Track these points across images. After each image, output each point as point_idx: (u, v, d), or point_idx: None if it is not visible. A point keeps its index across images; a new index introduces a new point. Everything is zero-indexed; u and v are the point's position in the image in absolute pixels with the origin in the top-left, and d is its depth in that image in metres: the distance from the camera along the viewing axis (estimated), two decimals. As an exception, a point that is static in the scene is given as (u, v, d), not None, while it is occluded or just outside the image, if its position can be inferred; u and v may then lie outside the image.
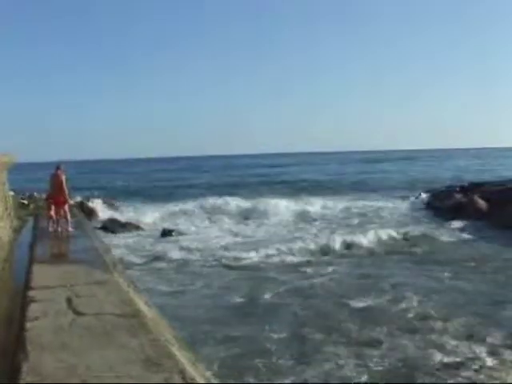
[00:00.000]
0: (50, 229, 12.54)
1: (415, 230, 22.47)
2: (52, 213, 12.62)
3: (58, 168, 12.90)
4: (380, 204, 31.79)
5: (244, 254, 18.20)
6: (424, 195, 32.36)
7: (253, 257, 17.86)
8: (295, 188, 44.94)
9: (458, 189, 30.98)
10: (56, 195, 12.67)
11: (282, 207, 29.83)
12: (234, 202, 31.13)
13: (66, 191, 12.89)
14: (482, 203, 26.49)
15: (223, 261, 17.53)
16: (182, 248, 19.48)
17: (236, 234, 23.56)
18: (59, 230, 12.53)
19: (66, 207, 12.73)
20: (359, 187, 44.96)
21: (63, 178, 12.80)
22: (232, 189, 43.22)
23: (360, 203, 31.99)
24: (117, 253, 14.78)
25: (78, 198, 29.39)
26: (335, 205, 31.24)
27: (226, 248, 19.68)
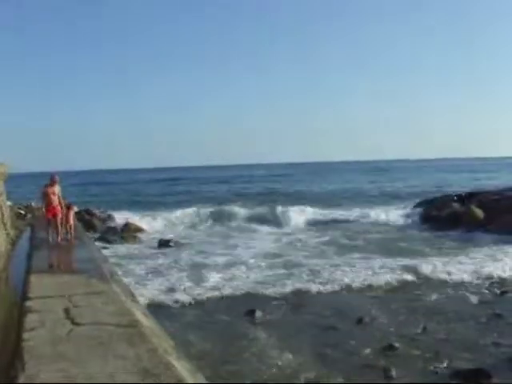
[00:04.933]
0: (50, 238, 12.50)
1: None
2: (54, 224, 12.57)
3: (52, 179, 12.78)
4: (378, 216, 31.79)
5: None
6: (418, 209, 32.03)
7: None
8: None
9: (455, 198, 31.06)
10: (53, 207, 12.56)
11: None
12: None
13: (62, 202, 12.83)
14: (479, 212, 26.56)
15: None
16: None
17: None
18: (59, 239, 12.49)
19: (60, 218, 12.65)
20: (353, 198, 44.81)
21: (59, 188, 12.71)
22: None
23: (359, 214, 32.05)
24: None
25: (76, 209, 29.37)
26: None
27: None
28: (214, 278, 16.22)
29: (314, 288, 14.77)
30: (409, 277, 15.99)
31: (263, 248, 22.17)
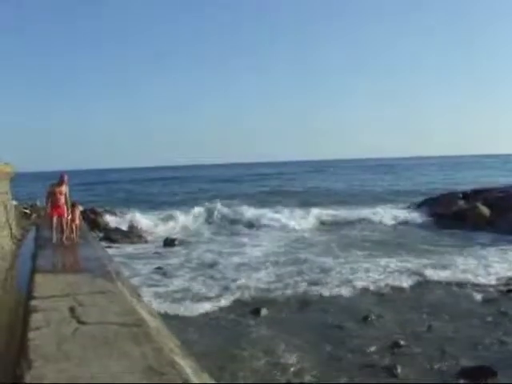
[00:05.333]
0: (54, 238, 12.29)
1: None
2: (59, 224, 12.37)
3: (61, 178, 12.53)
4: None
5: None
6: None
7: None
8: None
9: (460, 195, 30.95)
10: (58, 206, 12.45)
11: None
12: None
13: (69, 202, 12.62)
14: (484, 210, 26.46)
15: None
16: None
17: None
18: (63, 239, 12.33)
19: (65, 218, 12.43)
20: (355, 197, 44.26)
21: (66, 188, 12.49)
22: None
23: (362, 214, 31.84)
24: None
25: (81, 208, 29.40)
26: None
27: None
28: (222, 277, 16.28)
29: (321, 287, 14.76)
30: (414, 275, 15.96)
31: (271, 247, 22.13)
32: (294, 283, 15.29)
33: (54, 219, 12.38)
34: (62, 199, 12.40)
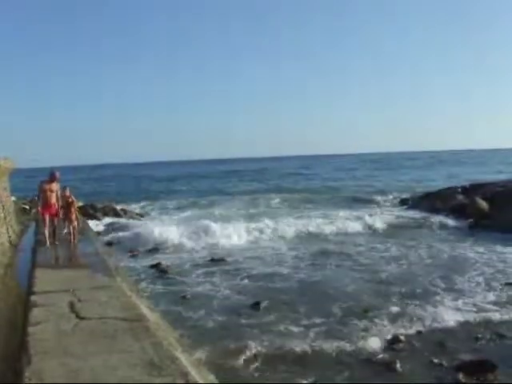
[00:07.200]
0: (48, 241, 11.40)
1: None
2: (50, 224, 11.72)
3: (51, 175, 11.63)
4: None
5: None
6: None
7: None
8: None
9: (459, 190, 30.93)
10: (49, 205, 11.57)
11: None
12: None
13: (60, 200, 11.73)
14: (483, 204, 26.42)
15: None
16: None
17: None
18: (51, 241, 11.62)
19: (57, 218, 11.65)
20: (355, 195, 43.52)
21: (57, 186, 11.73)
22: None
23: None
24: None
25: (80, 203, 29.40)
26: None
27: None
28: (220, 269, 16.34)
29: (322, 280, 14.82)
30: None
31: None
32: (294, 278, 15.40)
33: (47, 221, 11.54)
34: (53, 197, 11.60)
